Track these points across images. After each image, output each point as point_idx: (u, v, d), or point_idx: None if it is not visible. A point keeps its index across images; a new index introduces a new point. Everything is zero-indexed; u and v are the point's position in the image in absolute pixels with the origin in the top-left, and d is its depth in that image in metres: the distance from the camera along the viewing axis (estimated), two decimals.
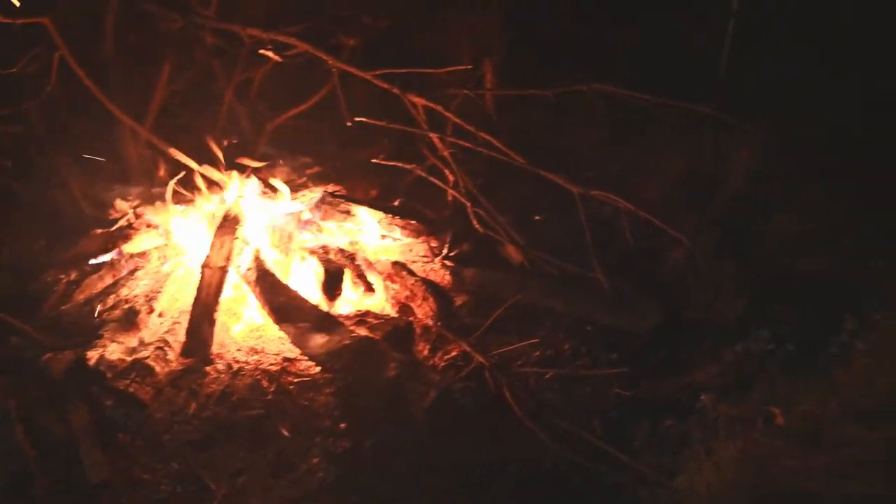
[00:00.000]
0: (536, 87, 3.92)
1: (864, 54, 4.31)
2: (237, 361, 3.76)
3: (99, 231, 4.45)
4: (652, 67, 4.35)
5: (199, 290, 3.89)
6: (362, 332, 3.75)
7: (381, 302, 4.00)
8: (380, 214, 4.34)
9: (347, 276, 3.99)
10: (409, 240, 4.31)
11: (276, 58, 4.35)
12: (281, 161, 4.76)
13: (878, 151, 3.93)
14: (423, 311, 3.91)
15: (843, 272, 3.56)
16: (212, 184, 4.35)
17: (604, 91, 3.77)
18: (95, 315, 4.01)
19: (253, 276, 4.00)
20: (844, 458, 2.86)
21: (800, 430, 3.00)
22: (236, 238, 4.04)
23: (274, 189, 4.35)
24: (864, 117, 4.12)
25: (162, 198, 4.31)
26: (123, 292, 4.14)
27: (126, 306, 4.02)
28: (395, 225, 4.32)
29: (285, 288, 3.94)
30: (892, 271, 3.48)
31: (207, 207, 4.30)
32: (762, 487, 2.81)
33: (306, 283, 4.03)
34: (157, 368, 3.71)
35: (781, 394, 3.13)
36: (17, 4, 3.90)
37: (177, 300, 4.06)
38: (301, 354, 3.75)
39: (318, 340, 3.68)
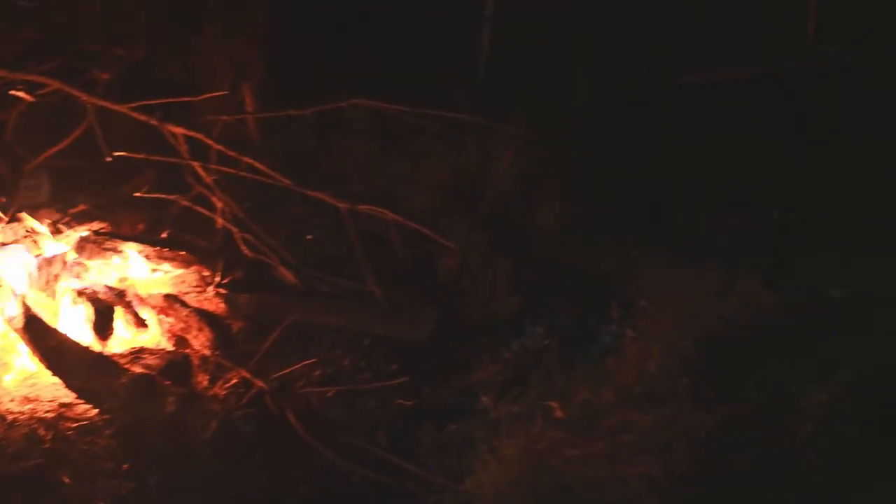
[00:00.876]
0: (296, 108, 3.92)
1: (615, 53, 4.49)
2: (10, 412, 3.60)
3: None
4: (413, 77, 4.42)
5: None
6: (138, 368, 3.64)
7: (155, 336, 3.90)
8: (148, 248, 4.24)
9: (118, 313, 3.88)
10: (181, 271, 4.22)
11: (29, 97, 4.20)
12: (42, 202, 4.60)
13: (631, 145, 4.10)
14: (200, 342, 3.83)
15: (607, 263, 3.68)
16: None
17: (362, 105, 3.81)
18: None
19: (20, 322, 3.84)
20: (622, 443, 2.95)
21: (578, 420, 3.08)
22: None
23: (36, 231, 4.19)
24: (617, 113, 4.29)
25: None
26: None
27: None
28: (165, 257, 4.22)
29: (55, 332, 3.81)
30: (650, 259, 3.65)
31: None
32: (545, 479, 2.87)
33: (77, 324, 3.90)
34: None
35: (558, 387, 3.21)
36: None
37: None
38: (77, 398, 3.62)
39: (95, 381, 3.57)
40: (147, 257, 4.22)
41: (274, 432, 3.38)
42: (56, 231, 4.26)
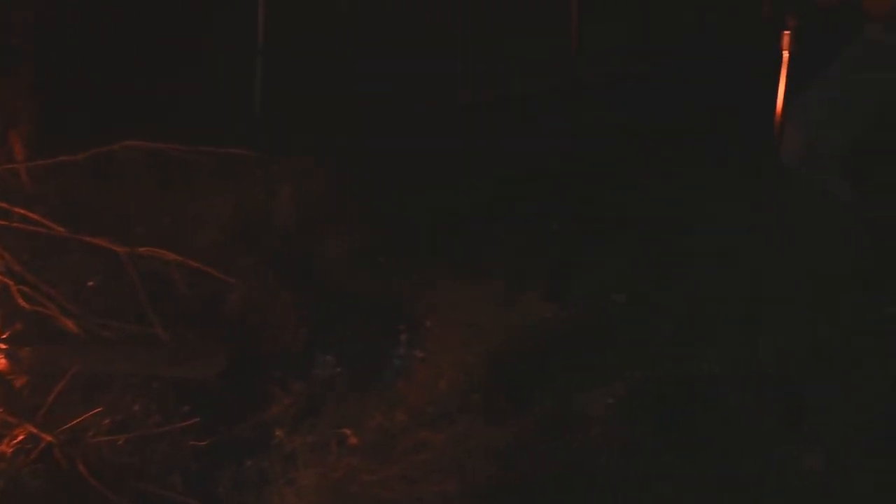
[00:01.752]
0: (69, 153, 3.82)
1: (389, 80, 4.55)
2: None
3: None
4: (192, 114, 4.38)
5: None
6: None
7: None
8: None
9: None
10: None
11: None
12: None
13: (409, 168, 4.17)
14: None
15: (394, 287, 3.71)
16: None
17: (136, 147, 3.74)
18: None
19: None
20: (417, 463, 2.98)
21: (373, 445, 3.09)
22: None
23: None
24: (394, 138, 4.35)
25: None
26: None
27: None
28: None
29: None
30: (435, 279, 3.70)
31: None
32: None
33: None
34: None
35: (352, 413, 3.22)
36: None
37: None
38: None
39: None
40: None
41: (65, 486, 3.28)
42: None
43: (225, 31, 4.74)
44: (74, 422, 3.55)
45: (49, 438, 3.46)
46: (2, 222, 3.85)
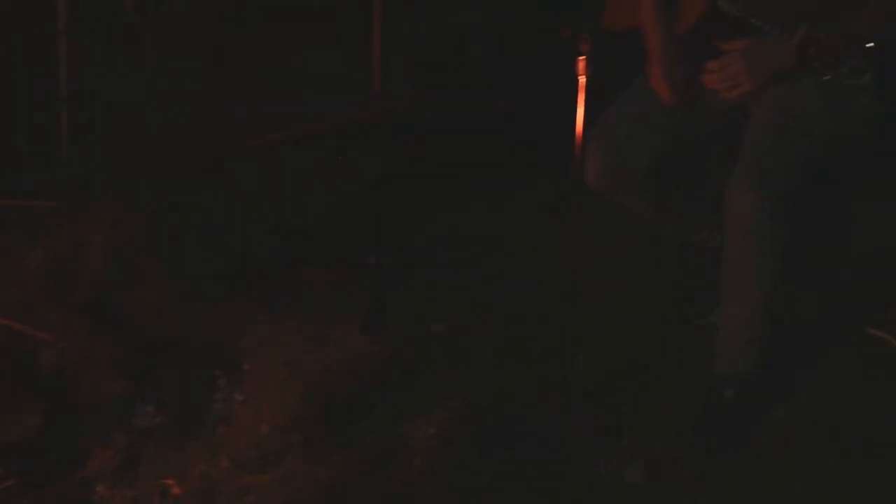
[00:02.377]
0: None
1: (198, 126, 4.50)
2: None
3: None
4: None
5: None
6: None
7: None
8: None
9: None
10: None
11: None
12: None
13: (217, 210, 4.15)
14: None
15: (211, 331, 3.66)
16: None
17: None
18: None
19: None
20: None
21: (196, 493, 3.05)
22: None
23: None
24: (202, 181, 4.31)
25: None
26: None
27: None
28: None
29: None
30: (252, 321, 3.67)
31: None
32: None
33: None
34: None
35: (174, 463, 3.17)
36: None
37: None
38: None
39: None
40: None
41: None
42: None
43: (26, 80, 4.63)
44: None
45: None
46: None
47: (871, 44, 2.52)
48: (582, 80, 2.95)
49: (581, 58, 2.91)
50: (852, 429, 3.17)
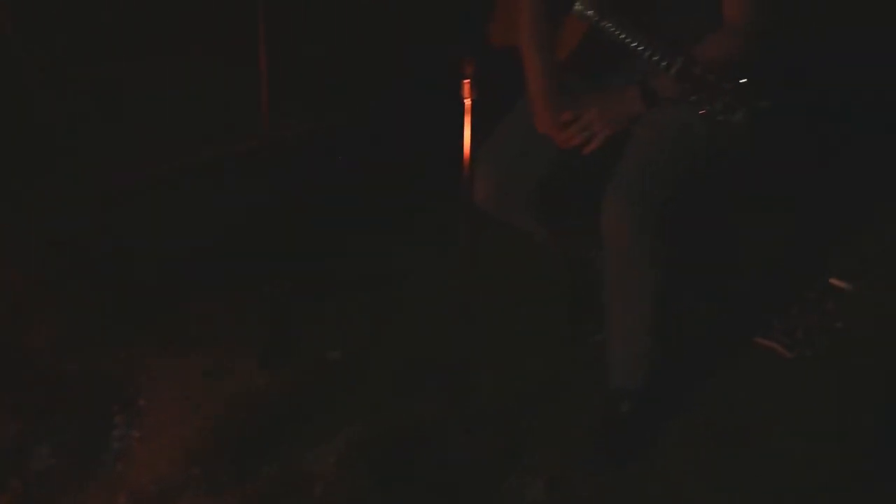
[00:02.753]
0: None
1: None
2: None
3: None
4: None
5: None
6: None
7: None
8: None
9: None
10: None
11: None
12: None
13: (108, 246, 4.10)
14: None
15: (107, 368, 3.61)
16: None
17: None
18: None
19: None
20: None
21: None
22: None
23: None
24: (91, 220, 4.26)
25: None
26: None
27: None
28: None
29: None
30: (148, 356, 3.63)
31: None
32: None
33: None
34: None
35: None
36: None
37: None
38: None
39: None
40: None
41: None
42: None
43: None
44: None
45: None
46: None
47: (745, 80, 2.59)
48: (467, 102, 2.98)
49: (465, 81, 2.94)
50: (746, 437, 3.24)
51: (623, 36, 2.95)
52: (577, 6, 3.10)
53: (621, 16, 2.99)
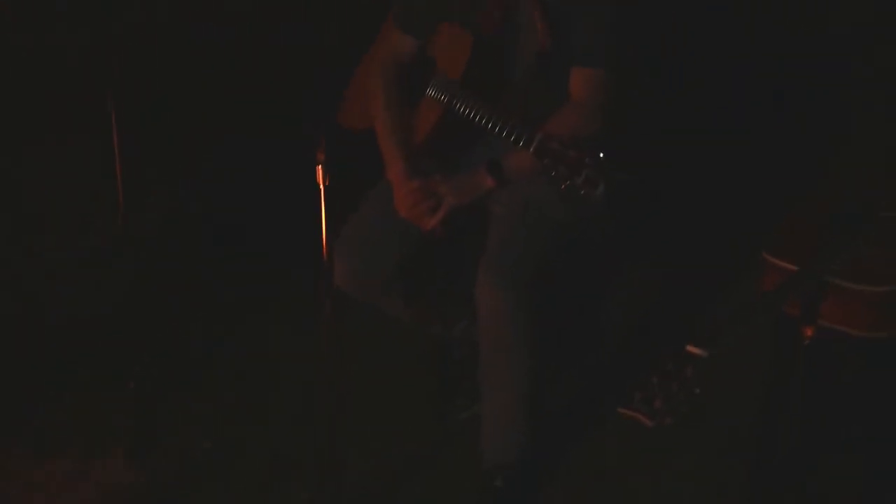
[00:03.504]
0: None
1: None
2: None
3: None
4: None
5: None
6: None
7: None
8: None
9: None
10: None
11: None
12: None
13: None
14: None
15: None
16: None
17: None
18: None
19: None
20: None
21: None
22: None
23: None
24: None
25: None
26: None
27: None
28: None
29: None
30: (13, 458, 3.52)
31: None
32: None
33: None
34: None
35: None
36: None
37: None
38: None
39: None
40: None
41: None
42: None
43: None
44: None
45: None
46: None
47: (603, 154, 2.65)
48: (322, 188, 2.99)
49: (319, 166, 2.95)
50: None
51: (477, 116, 3.01)
52: (431, 89, 3.16)
53: (475, 97, 3.05)
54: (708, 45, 4.47)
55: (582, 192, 2.68)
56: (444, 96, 3.12)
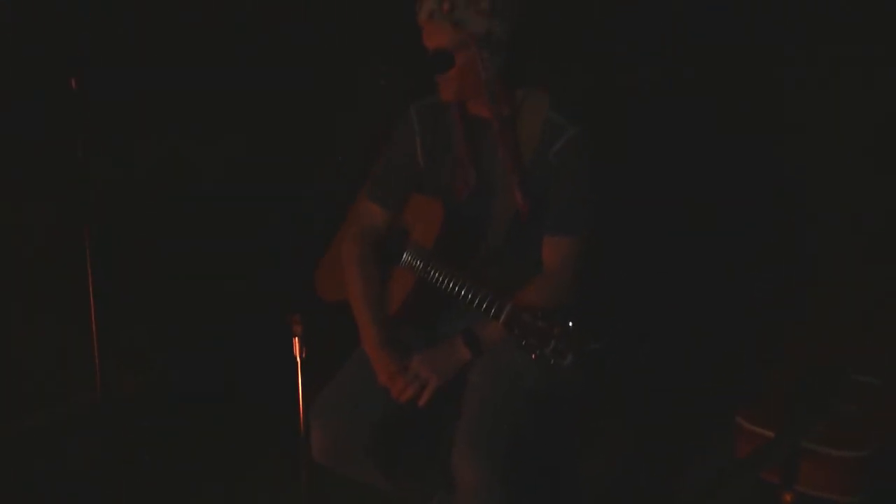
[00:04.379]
0: None
1: None
2: None
3: None
4: None
5: None
6: None
7: None
8: None
9: None
10: None
11: None
12: None
13: None
14: None
15: None
16: None
17: None
18: None
19: None
20: None
21: None
22: None
23: None
24: None
25: None
26: None
27: None
28: None
29: None
30: None
31: None
32: None
33: None
34: None
35: None
36: None
37: None
38: None
39: None
40: None
41: None
42: None
43: None
44: None
45: None
46: None
47: (572, 323, 2.68)
48: (298, 360, 2.99)
49: (295, 339, 2.95)
50: None
51: (450, 285, 3.04)
52: (405, 257, 3.19)
53: (448, 265, 3.09)
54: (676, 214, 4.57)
55: (552, 361, 2.71)
56: (418, 265, 3.15)
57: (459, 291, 3.00)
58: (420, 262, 3.15)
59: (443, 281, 3.06)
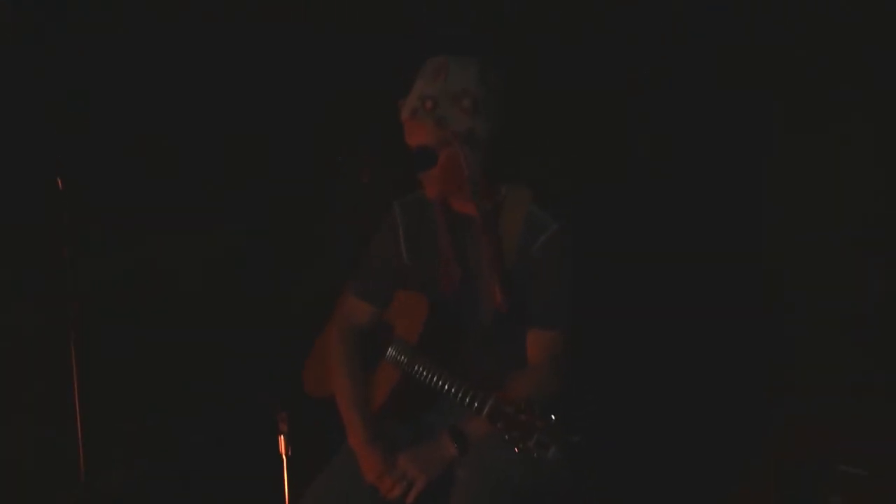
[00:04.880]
0: None
1: None
2: None
3: None
4: None
5: None
6: None
7: None
8: None
9: None
10: None
11: None
12: None
13: None
14: None
15: None
16: None
17: None
18: None
19: None
20: None
21: None
22: None
23: None
24: None
25: None
26: None
27: None
28: None
29: None
30: None
31: None
32: None
33: None
34: None
35: None
36: None
37: None
38: None
39: None
40: None
41: None
42: None
43: None
44: None
45: None
46: None
47: (555, 416, 2.69)
48: (284, 459, 2.98)
49: (281, 437, 2.95)
50: None
51: (434, 379, 3.05)
52: (390, 352, 3.20)
53: (433, 360, 3.10)
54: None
55: (535, 454, 2.72)
56: (402, 360, 3.16)
57: (443, 386, 3.02)
58: (405, 357, 3.16)
59: (427, 376, 3.07)
